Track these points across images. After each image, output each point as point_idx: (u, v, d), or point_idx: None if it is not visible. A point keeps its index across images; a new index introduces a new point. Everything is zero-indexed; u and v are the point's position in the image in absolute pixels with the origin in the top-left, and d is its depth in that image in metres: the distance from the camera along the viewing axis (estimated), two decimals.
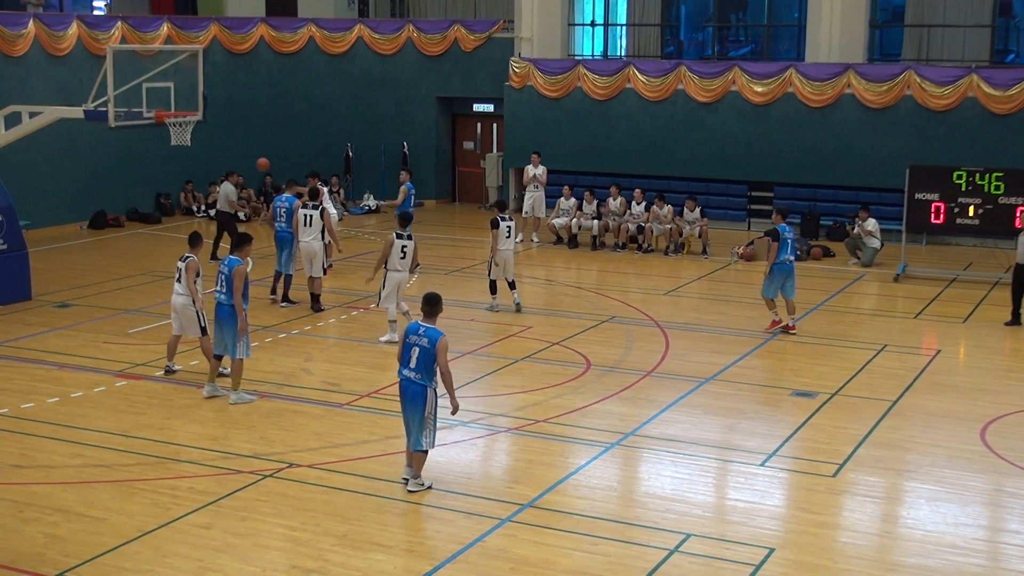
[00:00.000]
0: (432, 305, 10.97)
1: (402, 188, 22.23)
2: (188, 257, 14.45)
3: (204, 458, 12.08)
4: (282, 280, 18.96)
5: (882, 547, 10.24)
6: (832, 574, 9.64)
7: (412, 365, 10.82)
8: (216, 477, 11.56)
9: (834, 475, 11.75)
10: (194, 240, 14.73)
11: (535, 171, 25.41)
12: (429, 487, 11.11)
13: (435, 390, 10.85)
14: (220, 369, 14.20)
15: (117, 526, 10.37)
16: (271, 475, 11.61)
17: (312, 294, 18.60)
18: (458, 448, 12.55)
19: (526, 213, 25.51)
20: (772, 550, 9.96)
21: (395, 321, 16.45)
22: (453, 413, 10.90)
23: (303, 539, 10.13)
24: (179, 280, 14.50)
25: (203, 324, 14.46)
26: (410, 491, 11.06)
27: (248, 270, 13.98)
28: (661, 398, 14.24)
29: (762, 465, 12.01)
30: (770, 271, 17.20)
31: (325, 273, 19.19)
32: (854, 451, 12.38)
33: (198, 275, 14.52)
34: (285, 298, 18.90)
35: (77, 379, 14.83)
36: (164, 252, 23.83)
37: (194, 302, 14.42)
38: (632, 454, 12.44)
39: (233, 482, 11.40)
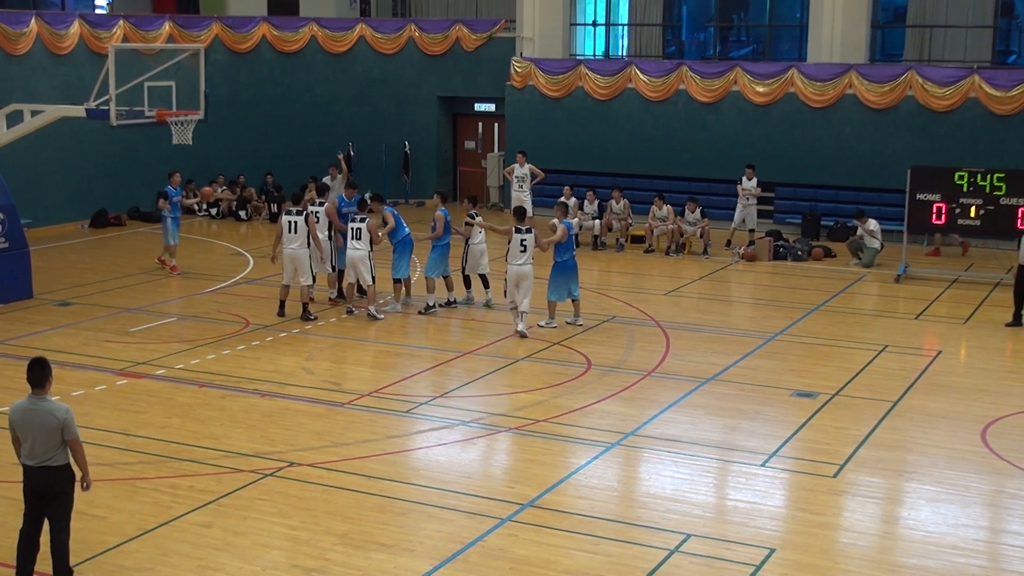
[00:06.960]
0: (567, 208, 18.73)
1: (437, 214, 18.74)
2: (303, 211, 17.40)
3: (205, 457, 12.09)
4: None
5: (883, 548, 10.24)
6: (833, 575, 9.64)
7: (574, 249, 17.48)
8: (217, 476, 11.57)
9: (835, 476, 11.75)
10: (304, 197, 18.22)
11: (521, 171, 25.40)
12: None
13: None
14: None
15: (118, 524, 10.38)
16: (272, 474, 11.61)
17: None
18: (458, 447, 12.57)
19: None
20: (773, 550, 9.96)
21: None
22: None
23: (303, 538, 10.14)
24: (293, 231, 17.25)
25: (314, 271, 17.44)
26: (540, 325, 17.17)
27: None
28: (662, 398, 14.24)
29: (763, 465, 12.01)
30: None
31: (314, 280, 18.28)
32: (855, 452, 12.37)
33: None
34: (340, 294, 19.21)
35: (78, 377, 14.83)
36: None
37: (309, 246, 17.27)
38: (633, 454, 12.44)
39: (234, 481, 11.40)
